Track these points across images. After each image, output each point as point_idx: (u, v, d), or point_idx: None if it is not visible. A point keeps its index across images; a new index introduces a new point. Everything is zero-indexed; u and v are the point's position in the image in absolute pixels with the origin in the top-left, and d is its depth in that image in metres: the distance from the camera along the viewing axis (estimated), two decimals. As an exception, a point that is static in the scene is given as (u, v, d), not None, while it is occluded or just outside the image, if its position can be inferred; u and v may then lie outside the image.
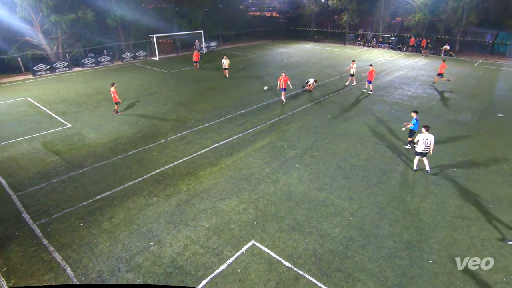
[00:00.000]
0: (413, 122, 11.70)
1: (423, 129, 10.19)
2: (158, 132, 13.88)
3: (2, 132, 13.76)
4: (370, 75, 19.02)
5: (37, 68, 24.40)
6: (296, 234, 7.87)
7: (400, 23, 42.23)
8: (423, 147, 10.17)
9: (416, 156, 10.56)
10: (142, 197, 9.34)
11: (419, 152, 10.34)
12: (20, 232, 7.97)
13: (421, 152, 10.31)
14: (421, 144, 10.16)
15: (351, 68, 20.91)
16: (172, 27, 34.64)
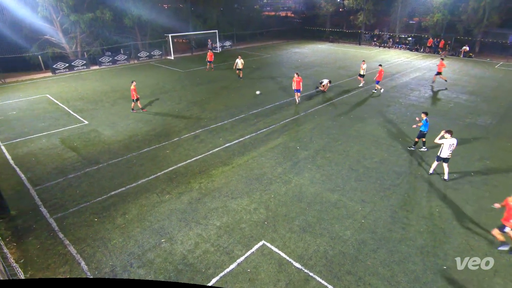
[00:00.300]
0: (423, 123, 11.50)
1: (447, 135, 9.74)
2: (171, 130, 14.05)
3: (22, 128, 14.21)
4: (379, 75, 18.98)
5: (57, 66, 25.08)
6: (307, 236, 7.83)
7: (417, 23, 41.39)
8: (448, 153, 9.81)
9: (438, 161, 10.14)
10: (155, 194, 9.48)
11: (443, 158, 9.93)
12: (37, 225, 8.21)
13: (445, 158, 9.93)
14: (446, 149, 9.77)
15: (361, 69, 20.67)
16: (188, 26, 34.99)
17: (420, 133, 11.85)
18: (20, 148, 12.38)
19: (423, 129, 11.65)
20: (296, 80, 16.85)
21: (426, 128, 11.63)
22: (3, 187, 9.19)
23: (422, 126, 11.63)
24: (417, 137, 12.02)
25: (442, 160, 10.05)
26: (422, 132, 11.76)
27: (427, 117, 11.55)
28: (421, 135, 11.88)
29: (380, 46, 40.23)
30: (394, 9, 40.59)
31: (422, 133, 11.76)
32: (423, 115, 11.61)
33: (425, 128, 11.61)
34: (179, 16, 34.70)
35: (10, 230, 8.00)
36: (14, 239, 7.71)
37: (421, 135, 11.88)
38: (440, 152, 9.95)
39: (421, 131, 11.76)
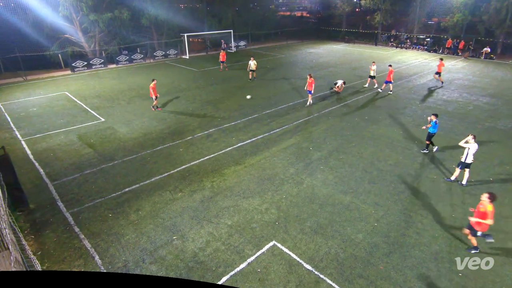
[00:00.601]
0: (432, 125, 11.34)
1: (472, 140, 9.45)
2: (185, 129, 14.20)
3: (42, 124, 14.65)
4: (388, 75, 18.86)
5: (76, 65, 25.73)
6: (318, 237, 7.77)
7: (436, 24, 40.45)
8: (472, 158, 9.52)
9: (461, 168, 9.76)
10: (168, 192, 9.60)
11: (468, 163, 9.61)
12: (54, 219, 8.44)
13: (469, 164, 9.61)
14: (471, 155, 9.48)
15: (371, 70, 20.39)
16: (203, 26, 35.26)
17: (428, 135, 11.70)
18: (39, 143, 12.76)
19: (431, 130, 11.52)
20: (308, 81, 16.73)
21: (435, 130, 11.49)
22: (23, 181, 9.49)
23: (430, 127, 11.49)
24: (427, 139, 11.87)
25: (466, 167, 9.72)
26: (430, 134, 11.62)
27: (436, 119, 11.41)
28: (429, 137, 11.72)
29: (397, 47, 39.51)
30: (412, 9, 39.78)
31: (430, 134, 11.62)
32: (432, 116, 11.46)
33: (433, 130, 11.48)
34: (195, 15, 35.01)
35: (28, 223, 8.26)
36: (32, 232, 7.95)
37: (429, 137, 11.72)
38: (466, 158, 9.61)
39: (429, 133, 11.62)
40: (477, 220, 6.90)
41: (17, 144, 12.69)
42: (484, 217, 6.78)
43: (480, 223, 6.86)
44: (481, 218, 6.82)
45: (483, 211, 6.81)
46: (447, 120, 15.27)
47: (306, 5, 58.07)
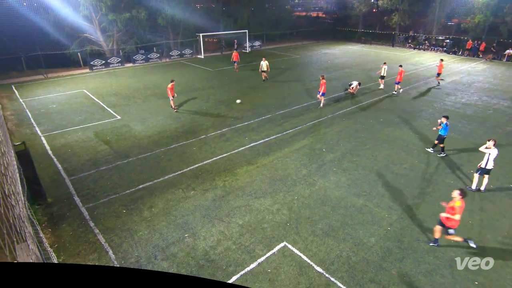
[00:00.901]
0: (443, 126, 11.23)
1: (492, 144, 9.20)
2: (199, 128, 14.32)
3: (61, 121, 15.06)
4: (399, 76, 18.76)
5: (94, 63, 26.36)
6: (329, 240, 7.70)
7: (456, 25, 39.40)
8: (492, 164, 9.27)
9: (481, 174, 9.47)
10: (180, 190, 9.71)
11: (488, 169, 9.33)
12: (70, 213, 8.67)
13: (489, 170, 9.35)
14: (491, 161, 9.23)
15: (382, 71, 20.14)
16: (218, 26, 35.49)
17: (439, 137, 11.55)
18: (58, 139, 13.12)
19: (442, 132, 11.36)
20: (320, 83, 16.54)
21: (446, 132, 11.34)
22: (41, 175, 9.78)
23: (441, 129, 11.34)
24: (436, 139, 11.69)
25: (485, 173, 9.44)
26: (441, 136, 11.47)
27: (447, 121, 11.26)
28: (440, 139, 11.56)
29: (415, 48, 38.71)
30: (431, 10, 38.87)
31: (441, 137, 11.47)
32: (443, 118, 11.29)
33: (444, 132, 11.32)
34: (211, 15, 35.28)
35: (46, 216, 8.51)
36: (49, 225, 8.19)
37: (440, 139, 11.56)
38: (486, 164, 9.34)
39: (440, 135, 11.47)
40: (446, 215, 7.00)
41: (37, 139, 13.09)
42: (452, 212, 6.91)
43: (450, 219, 6.96)
44: (450, 213, 6.93)
45: (451, 206, 6.97)
46: (465, 124, 14.87)
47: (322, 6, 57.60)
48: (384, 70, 20.05)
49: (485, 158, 9.34)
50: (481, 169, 9.47)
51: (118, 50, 28.84)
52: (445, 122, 11.22)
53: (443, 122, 11.24)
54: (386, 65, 20.18)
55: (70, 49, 26.15)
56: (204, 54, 32.66)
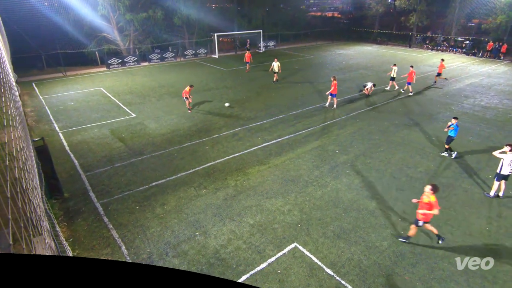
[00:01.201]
0: (454, 127, 11.16)
1: (508, 150, 8.96)
2: (212, 127, 14.42)
3: (78, 118, 15.44)
4: (409, 76, 18.73)
5: (111, 62, 26.90)
6: (341, 242, 7.62)
7: (477, 25, 38.28)
8: (509, 169, 8.98)
9: (498, 180, 9.22)
10: (192, 188, 9.79)
11: (504, 175, 9.07)
12: (86, 208, 8.87)
13: (505, 175, 9.08)
14: (506, 166, 8.97)
15: (392, 71, 19.93)
16: (233, 26, 35.63)
17: (448, 138, 11.46)
18: (75, 136, 13.45)
19: (452, 134, 11.28)
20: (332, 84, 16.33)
21: (455, 134, 11.26)
22: (59, 170, 10.04)
23: (452, 130, 11.24)
24: (446, 143, 11.59)
25: (502, 179, 9.17)
26: (450, 138, 11.38)
27: (457, 121, 11.25)
28: (449, 140, 11.47)
29: (432, 49, 37.86)
30: (450, 10, 37.89)
31: (451, 138, 11.38)
32: (453, 120, 11.27)
33: (454, 133, 11.24)
34: (225, 15, 35.45)
35: (62, 211, 8.74)
36: (65, 219, 8.40)
37: (449, 140, 11.47)
38: (500, 169, 9.10)
39: (449, 136, 11.38)
40: (424, 211, 7.13)
41: (55, 135, 13.45)
42: (430, 208, 7.08)
43: (426, 214, 7.14)
44: (427, 209, 7.10)
45: (427, 202, 7.10)
46: (484, 127, 14.44)
47: (338, 6, 56.98)
48: (394, 71, 19.81)
49: (500, 163, 9.08)
50: (497, 175, 9.23)
51: (134, 49, 29.34)
52: (455, 123, 11.15)
53: (453, 123, 11.16)
54: (396, 67, 19.93)
55: (88, 48, 26.76)
56: (218, 54, 32.84)
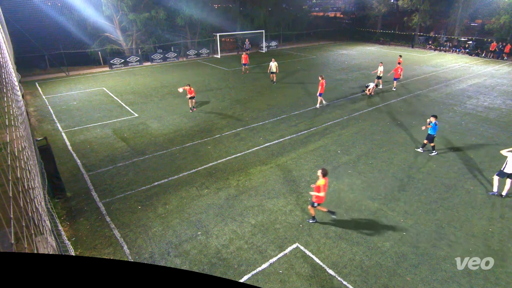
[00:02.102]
0: (432, 126, 11.35)
1: None
2: (214, 127, 14.43)
3: (81, 117, 15.49)
4: (395, 72, 19.54)
5: (113, 62, 26.98)
6: (342, 243, 7.60)
7: (480, 26, 38.10)
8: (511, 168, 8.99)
9: (499, 176, 9.26)
10: (194, 188, 9.81)
11: (507, 173, 9.07)
12: (88, 207, 8.90)
13: (509, 174, 9.07)
14: (510, 164, 8.97)
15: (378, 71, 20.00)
16: (235, 26, 35.65)
17: (428, 136, 11.64)
18: (77, 135, 13.50)
19: (431, 132, 11.48)
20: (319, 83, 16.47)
21: (434, 132, 11.47)
22: (61, 170, 10.08)
23: (430, 129, 11.45)
24: (426, 139, 11.79)
25: (507, 176, 9.16)
26: (430, 135, 11.57)
27: (436, 120, 11.37)
28: (429, 138, 11.65)
29: (435, 49, 37.72)
30: (454, 10, 37.70)
31: (431, 136, 11.57)
32: (432, 118, 11.41)
33: (433, 131, 11.45)
34: (228, 15, 35.47)
35: (65, 210, 8.77)
36: (68, 219, 8.44)
37: (429, 138, 11.65)
38: (504, 167, 9.11)
39: (429, 134, 11.56)
40: (314, 193, 7.73)
41: (57, 135, 13.51)
42: (318, 190, 7.62)
43: (318, 196, 7.71)
44: (316, 191, 7.65)
45: (317, 185, 7.63)
46: (487, 128, 14.38)
47: (340, 6, 56.89)
48: (380, 70, 19.90)
49: (505, 161, 9.16)
50: (500, 172, 9.24)
51: (137, 49, 29.42)
52: (434, 121, 11.32)
53: (432, 122, 11.34)
54: (382, 66, 20.05)
55: (91, 48, 26.85)
56: (221, 54, 32.87)
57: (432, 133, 11.46)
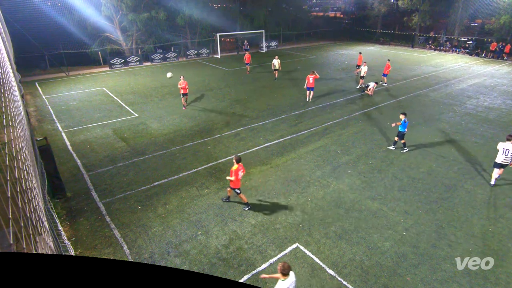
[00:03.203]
0: (402, 123, 11.62)
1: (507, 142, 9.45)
2: (214, 127, 14.43)
3: (81, 117, 15.49)
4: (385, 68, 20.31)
5: (113, 62, 26.98)
6: (342, 243, 7.60)
7: (480, 26, 38.08)
8: (502, 158, 9.42)
9: (495, 168, 9.72)
10: (194, 188, 9.80)
11: (498, 163, 9.55)
12: (88, 207, 8.90)
13: (501, 164, 9.52)
14: (500, 154, 9.45)
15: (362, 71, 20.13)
16: (235, 26, 35.65)
17: (399, 133, 11.92)
18: (77, 135, 13.50)
19: (401, 129, 11.75)
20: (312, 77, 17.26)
21: (404, 129, 11.70)
22: (61, 170, 10.08)
23: (400, 126, 11.73)
24: (397, 136, 12.08)
25: (499, 167, 9.63)
26: (401, 132, 11.83)
27: (405, 117, 11.61)
28: (400, 135, 11.91)
29: (435, 49, 37.73)
30: (454, 10, 37.68)
31: (401, 133, 11.83)
32: (401, 116, 11.65)
33: (403, 129, 11.71)
34: (228, 15, 35.46)
35: (65, 210, 8.77)
36: (68, 219, 8.43)
37: (400, 135, 11.91)
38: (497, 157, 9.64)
39: (399, 131, 11.84)
40: (228, 178, 8.34)
41: (57, 135, 13.51)
42: (231, 174, 8.23)
43: (232, 181, 8.31)
44: (230, 176, 8.29)
45: (231, 170, 8.27)
46: (487, 128, 14.38)
47: (340, 6, 56.86)
48: (362, 71, 20.00)
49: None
50: (494, 163, 9.75)
51: (137, 49, 29.42)
52: (403, 119, 11.55)
53: (402, 119, 11.58)
54: (366, 66, 20.14)
55: (91, 48, 26.85)
56: (221, 54, 32.87)
57: (402, 130, 11.75)
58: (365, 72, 20.07)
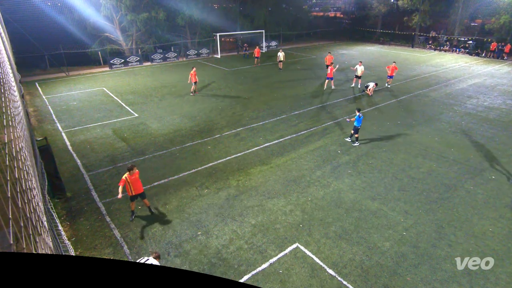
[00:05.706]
0: (356, 119, 12.24)
1: None
2: (214, 127, 14.42)
3: (81, 117, 15.49)
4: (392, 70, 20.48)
5: (113, 62, 26.97)
6: (343, 243, 7.60)
7: (480, 25, 38.08)
8: None
9: None
10: (194, 188, 9.80)
11: None
12: (88, 207, 8.90)
13: None
14: None
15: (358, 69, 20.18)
16: (235, 26, 35.65)
17: (354, 127, 12.49)
18: (77, 135, 13.50)
19: (356, 124, 12.33)
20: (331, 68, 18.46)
21: (359, 124, 12.28)
22: (61, 170, 10.08)
23: (355, 121, 12.31)
24: (353, 129, 12.63)
25: None
26: (356, 127, 12.41)
27: (359, 113, 12.22)
28: (355, 129, 12.48)
29: (435, 49, 37.71)
30: (454, 10, 37.67)
31: (356, 128, 12.41)
32: (356, 111, 12.34)
33: (358, 123, 12.29)
34: (228, 15, 35.46)
35: (65, 210, 8.77)
36: (68, 219, 8.43)
37: (355, 129, 12.48)
38: None
39: (355, 126, 12.41)
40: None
41: (58, 135, 13.50)
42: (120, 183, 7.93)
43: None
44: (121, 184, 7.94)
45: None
46: (487, 128, 14.38)
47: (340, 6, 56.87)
48: (359, 70, 20.00)
49: None
50: None
51: (137, 49, 29.41)
52: (357, 114, 12.21)
53: (356, 114, 12.25)
54: (362, 65, 20.13)
55: (91, 48, 26.85)
56: (221, 54, 32.86)
57: (357, 125, 12.33)
58: (362, 72, 20.03)
